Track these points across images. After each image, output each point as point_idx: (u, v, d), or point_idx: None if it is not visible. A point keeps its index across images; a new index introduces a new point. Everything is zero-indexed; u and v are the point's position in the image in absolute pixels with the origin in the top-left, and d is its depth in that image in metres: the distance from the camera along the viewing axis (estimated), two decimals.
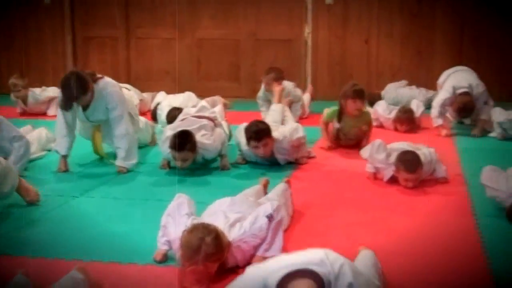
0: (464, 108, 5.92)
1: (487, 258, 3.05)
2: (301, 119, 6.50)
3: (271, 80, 6.33)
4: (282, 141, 4.76)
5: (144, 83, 7.98)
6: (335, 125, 5.38)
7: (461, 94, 5.91)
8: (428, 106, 6.61)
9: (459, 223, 3.59)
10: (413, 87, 7.46)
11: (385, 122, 6.30)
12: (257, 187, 3.78)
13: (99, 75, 4.79)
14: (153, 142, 5.53)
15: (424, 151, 4.42)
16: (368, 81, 7.74)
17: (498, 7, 7.63)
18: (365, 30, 8.00)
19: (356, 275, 2.14)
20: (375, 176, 4.50)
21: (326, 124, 5.47)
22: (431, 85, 7.02)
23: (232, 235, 2.86)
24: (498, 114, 5.82)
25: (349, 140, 5.41)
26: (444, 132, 6.03)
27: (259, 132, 4.61)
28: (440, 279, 2.84)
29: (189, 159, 4.52)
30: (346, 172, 4.74)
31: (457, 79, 6.07)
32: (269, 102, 6.27)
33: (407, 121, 6.16)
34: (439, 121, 5.99)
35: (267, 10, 8.11)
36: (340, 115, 5.34)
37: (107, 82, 4.76)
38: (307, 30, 8.05)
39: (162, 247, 3.05)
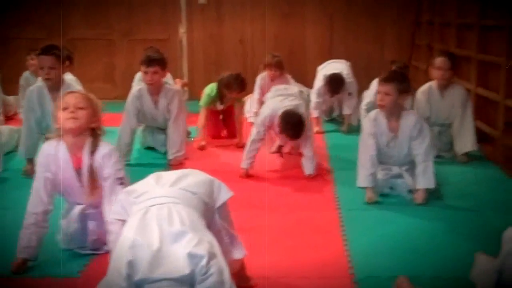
0: (334, 78, 6.08)
1: (347, 251, 3.17)
2: None
3: None
4: None
5: (12, 86, 7.63)
6: (219, 107, 5.71)
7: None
8: None
9: (324, 218, 3.71)
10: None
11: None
12: None
13: None
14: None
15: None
16: None
17: (364, 4, 8.00)
18: (240, 30, 8.10)
19: None
20: (248, 173, 4.58)
21: (206, 110, 5.66)
22: (306, 82, 7.21)
23: None
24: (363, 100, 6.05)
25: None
26: (316, 129, 6.23)
27: None
28: (303, 272, 2.92)
29: None
30: (219, 171, 4.76)
31: (327, 69, 6.31)
32: None
33: None
34: (315, 113, 6.18)
35: (140, 10, 8.02)
36: (222, 98, 5.65)
37: None
38: (182, 29, 8.04)
39: None
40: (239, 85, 5.51)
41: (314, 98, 6.18)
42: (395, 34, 8.16)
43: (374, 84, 5.99)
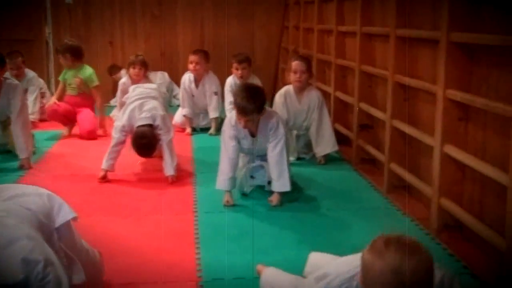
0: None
1: (198, 254, 3.20)
2: None
3: None
4: None
5: None
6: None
7: None
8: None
9: (180, 221, 3.73)
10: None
11: None
12: None
13: None
14: None
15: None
16: None
17: (232, 8, 8.14)
18: (109, 32, 7.97)
19: None
20: (106, 176, 4.53)
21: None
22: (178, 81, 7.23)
23: None
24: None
25: (72, 90, 6.20)
26: (187, 130, 6.30)
27: None
28: (151, 277, 2.92)
29: None
30: (77, 176, 4.70)
31: None
32: None
33: None
34: (186, 112, 6.39)
35: (3, 9, 7.69)
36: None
37: None
38: (48, 30, 7.79)
39: None
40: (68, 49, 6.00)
41: (229, 97, 6.12)
42: (264, 37, 8.35)
43: (230, 81, 6.18)
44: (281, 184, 4.00)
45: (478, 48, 3.20)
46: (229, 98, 6.06)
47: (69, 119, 6.19)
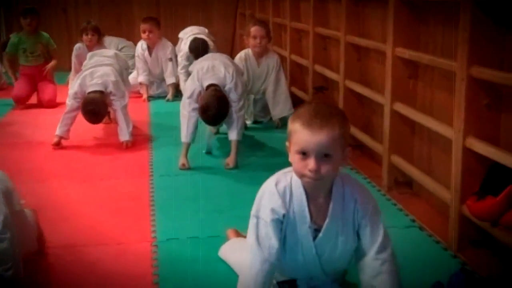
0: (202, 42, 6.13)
1: (153, 216, 3.22)
2: None
3: None
4: None
5: None
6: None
7: None
8: None
9: (136, 185, 3.73)
10: None
11: None
12: None
13: None
14: None
15: None
16: None
17: None
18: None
19: None
20: (60, 143, 4.52)
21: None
22: None
23: None
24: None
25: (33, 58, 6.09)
26: (144, 96, 6.30)
27: None
28: (104, 240, 2.92)
29: None
30: (31, 143, 4.67)
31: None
32: None
33: None
34: (142, 79, 6.38)
35: None
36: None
37: None
38: None
39: None
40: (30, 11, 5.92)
41: (183, 61, 6.16)
42: (221, 2, 8.30)
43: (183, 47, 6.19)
44: (234, 133, 4.06)
45: (425, 6, 3.25)
46: (182, 62, 6.12)
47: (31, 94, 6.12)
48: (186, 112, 4.02)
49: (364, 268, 1.96)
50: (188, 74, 5.03)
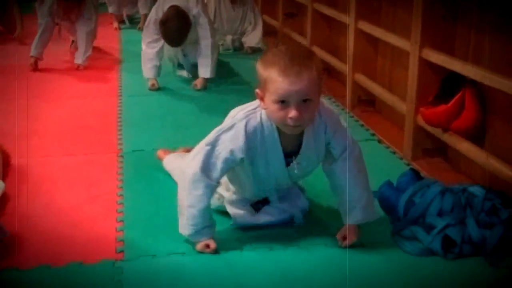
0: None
1: (120, 130, 3.28)
2: None
3: None
4: None
5: None
6: None
7: None
8: None
9: (104, 103, 3.78)
10: None
11: None
12: None
13: None
14: None
15: None
16: None
17: None
18: None
19: None
20: (36, 63, 4.57)
21: None
22: None
23: None
24: None
25: None
26: (115, 25, 6.30)
27: None
28: (71, 151, 2.99)
29: None
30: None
31: None
32: None
33: None
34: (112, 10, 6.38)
35: None
36: None
37: None
38: None
39: None
40: None
41: None
42: None
43: None
44: (204, 70, 4.07)
45: None
46: None
47: None
48: (144, 46, 4.05)
49: (336, 168, 2.03)
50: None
